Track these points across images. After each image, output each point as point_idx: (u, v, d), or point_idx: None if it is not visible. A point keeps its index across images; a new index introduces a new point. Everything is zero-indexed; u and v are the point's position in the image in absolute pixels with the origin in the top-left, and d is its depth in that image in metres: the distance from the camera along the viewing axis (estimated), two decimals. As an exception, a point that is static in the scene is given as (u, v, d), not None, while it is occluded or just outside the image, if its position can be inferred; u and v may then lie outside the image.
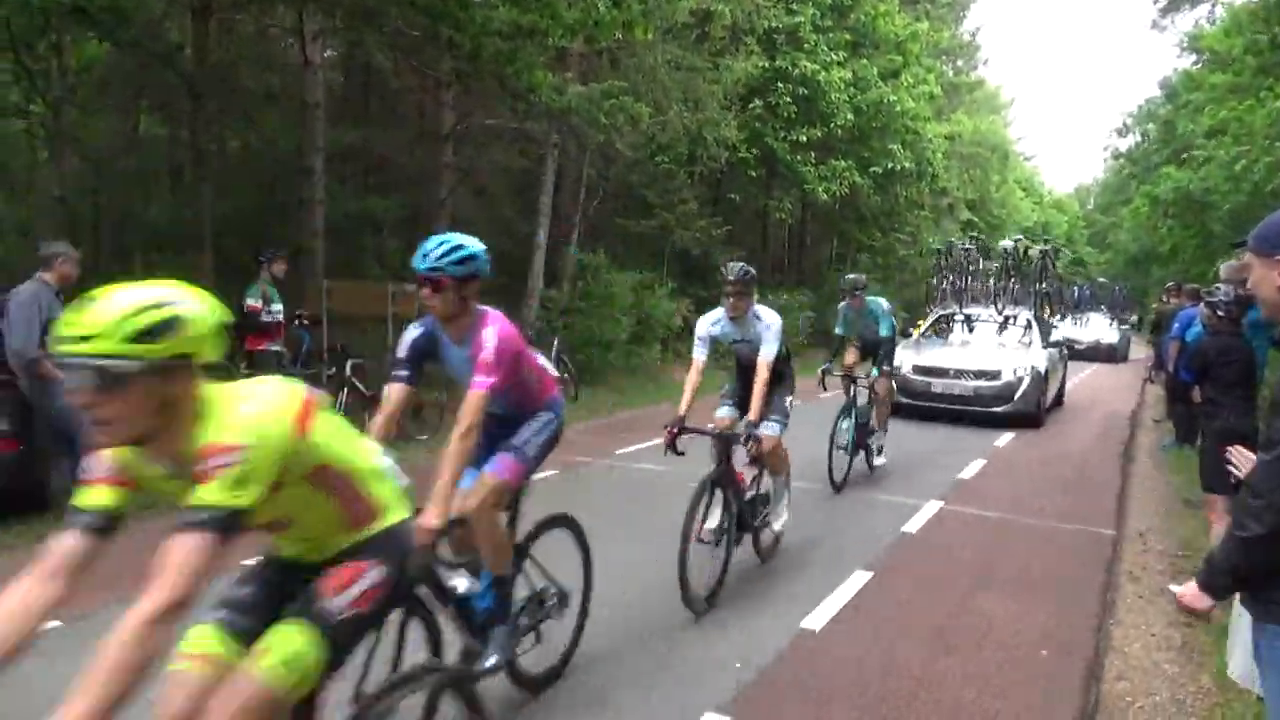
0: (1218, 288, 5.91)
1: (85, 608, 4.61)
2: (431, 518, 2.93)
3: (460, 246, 3.30)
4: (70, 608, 4.70)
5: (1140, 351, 25.31)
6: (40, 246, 6.35)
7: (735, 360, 5.93)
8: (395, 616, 2.91)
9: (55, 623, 4.45)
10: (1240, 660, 3.22)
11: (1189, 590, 2.32)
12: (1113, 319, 28.95)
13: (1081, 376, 20.44)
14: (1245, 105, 15.50)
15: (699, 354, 5.40)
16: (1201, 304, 8.11)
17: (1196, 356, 5.68)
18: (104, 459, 2.03)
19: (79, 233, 16.82)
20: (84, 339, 1.76)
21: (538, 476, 4.29)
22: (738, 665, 4.18)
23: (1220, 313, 5.62)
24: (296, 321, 9.58)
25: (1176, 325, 9.57)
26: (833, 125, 19.81)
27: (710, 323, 5.47)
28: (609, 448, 9.58)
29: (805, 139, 19.47)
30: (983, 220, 37.51)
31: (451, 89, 15.56)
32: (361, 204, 16.05)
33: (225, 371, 8.30)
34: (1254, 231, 2.29)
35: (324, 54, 15.74)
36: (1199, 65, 23.83)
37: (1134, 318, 51.32)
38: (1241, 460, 2.77)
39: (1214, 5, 18.50)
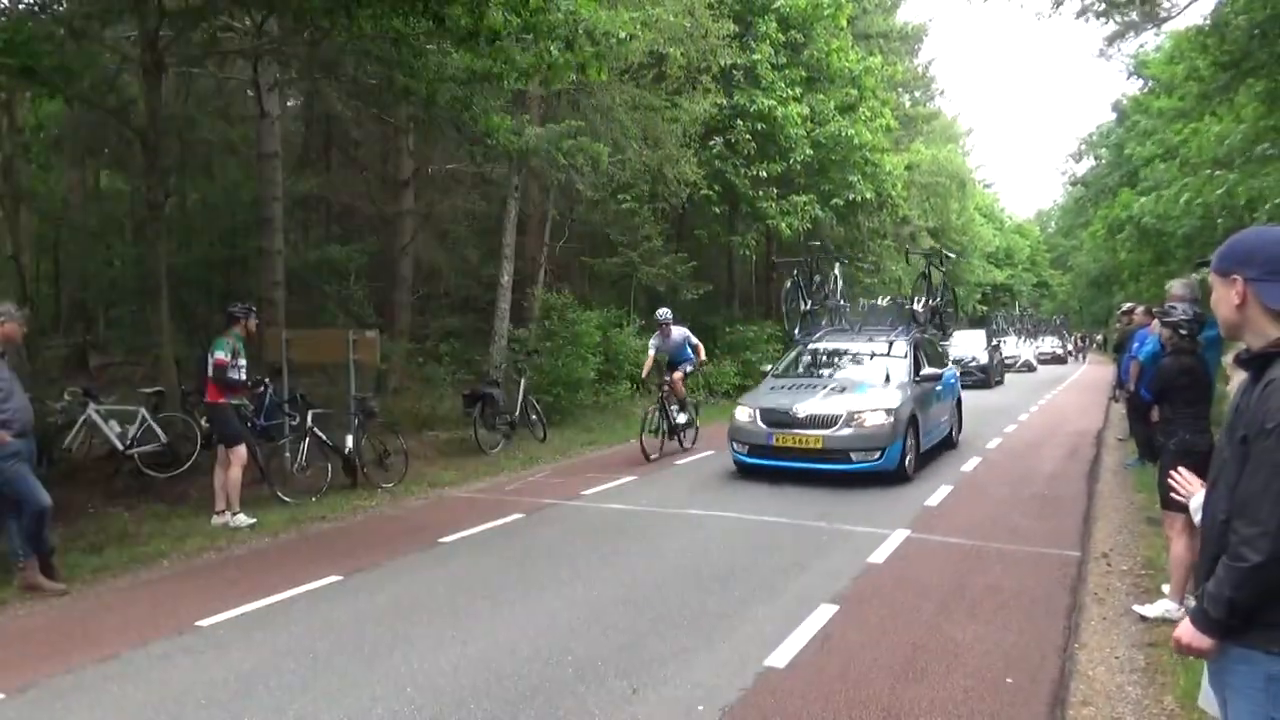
0: (1174, 307, 5.89)
1: (28, 679, 4.49)
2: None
3: None
4: (14, 679, 4.57)
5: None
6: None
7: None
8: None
9: (-1, 695, 4.33)
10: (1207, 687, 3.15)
11: (1185, 631, 2.21)
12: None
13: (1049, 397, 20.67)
14: (1189, 129, 15.89)
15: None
16: (1156, 323, 8.23)
17: (1157, 377, 5.69)
18: None
19: (39, 289, 16.68)
20: None
21: (504, 520, 8.01)
22: (700, 708, 4.12)
23: (1183, 331, 5.61)
24: (260, 387, 9.51)
25: (1136, 344, 9.72)
26: (792, 160, 20.05)
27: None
28: (577, 489, 9.52)
29: (766, 174, 19.69)
30: (945, 247, 38.03)
31: (410, 135, 15.63)
32: (321, 252, 16.00)
33: (183, 424, 8.28)
34: (1217, 251, 2.31)
35: (285, 104, 15.77)
36: (1146, 90, 24.46)
37: (1099, 337, 52.05)
38: (1186, 483, 2.73)
39: (1158, 33, 19.02)
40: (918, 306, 12.84)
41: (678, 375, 12.03)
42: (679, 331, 12.27)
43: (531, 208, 17.74)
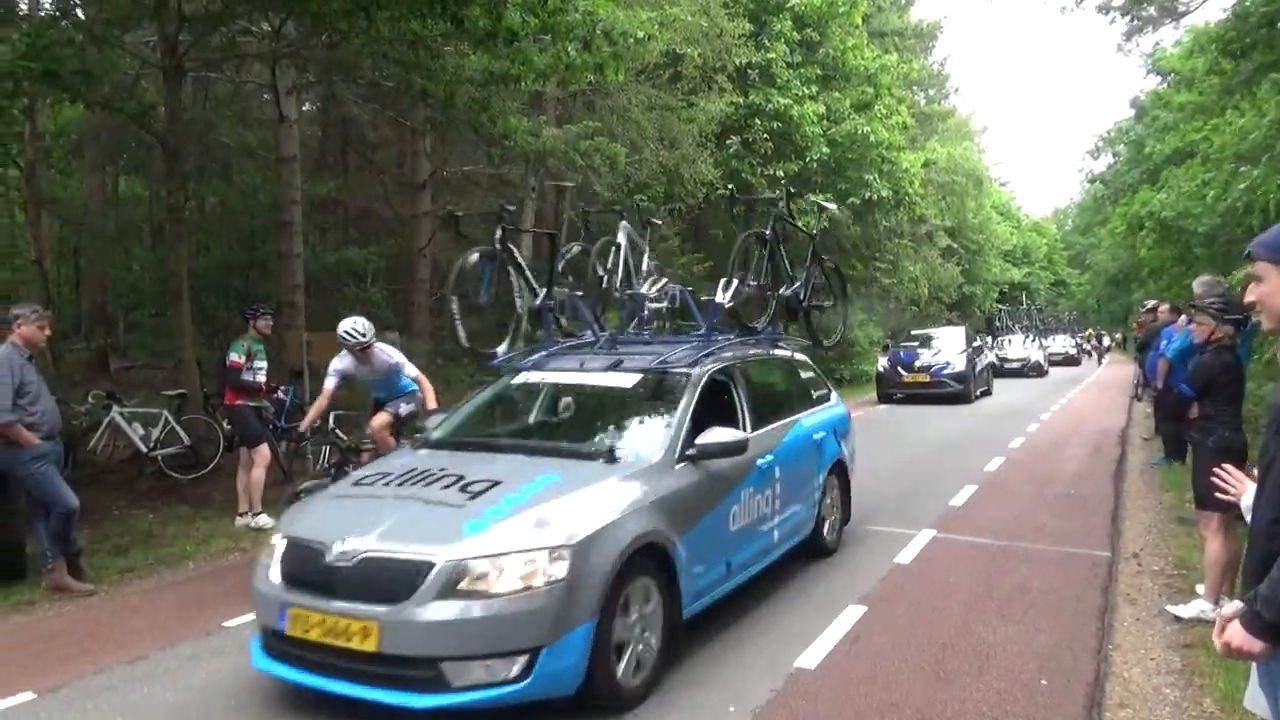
0: (1226, 304, 5.70)
1: (59, 680, 4.50)
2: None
3: None
4: (45, 679, 4.57)
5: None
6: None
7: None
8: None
9: (29, 695, 4.35)
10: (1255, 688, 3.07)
11: (1235, 634, 2.13)
12: None
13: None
14: (1210, 125, 15.70)
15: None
16: (1183, 319, 8.12)
17: (1200, 372, 5.54)
18: None
19: (60, 294, 16.81)
20: None
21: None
22: (731, 709, 4.08)
23: (1244, 328, 5.46)
24: (280, 390, 9.54)
25: (1164, 342, 9.59)
26: (809, 158, 19.98)
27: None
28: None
29: (782, 173, 19.63)
30: (962, 246, 37.80)
31: (427, 138, 15.67)
32: (339, 255, 16.07)
33: (206, 426, 8.38)
34: (1264, 240, 2.21)
35: (303, 108, 15.85)
36: (1165, 85, 24.25)
37: (1119, 335, 51.54)
38: (1233, 481, 2.67)
39: (1176, 26, 18.85)
40: (723, 297, 6.31)
41: (381, 420, 7.18)
42: (386, 354, 7.42)
43: (548, 208, 17.75)
